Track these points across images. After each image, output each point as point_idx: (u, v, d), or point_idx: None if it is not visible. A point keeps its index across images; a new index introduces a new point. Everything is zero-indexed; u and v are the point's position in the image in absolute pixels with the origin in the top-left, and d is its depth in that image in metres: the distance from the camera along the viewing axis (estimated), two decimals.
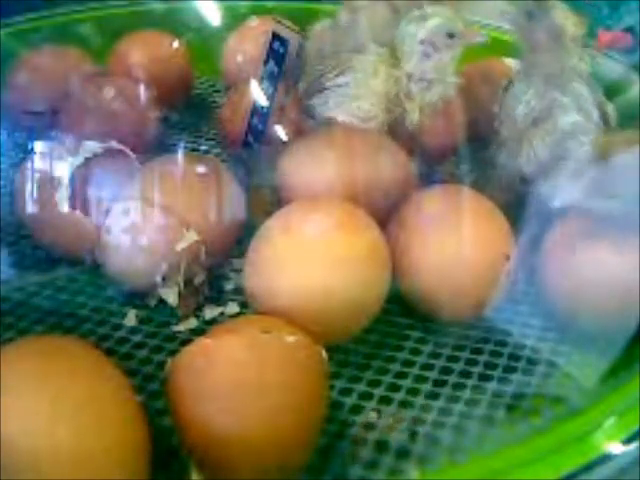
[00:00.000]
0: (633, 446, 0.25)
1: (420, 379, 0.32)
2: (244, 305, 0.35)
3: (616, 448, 0.25)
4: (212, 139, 0.51)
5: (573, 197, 0.35)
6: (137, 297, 0.36)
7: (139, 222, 0.34)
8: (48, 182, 0.35)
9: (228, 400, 0.25)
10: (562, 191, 0.35)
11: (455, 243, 0.33)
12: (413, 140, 0.39)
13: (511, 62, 0.44)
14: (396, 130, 0.39)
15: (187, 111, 0.54)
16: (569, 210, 0.35)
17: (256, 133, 0.41)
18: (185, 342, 0.33)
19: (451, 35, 0.38)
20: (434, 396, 0.31)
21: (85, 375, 0.24)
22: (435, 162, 0.44)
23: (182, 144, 0.50)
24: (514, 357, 0.33)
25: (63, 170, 0.35)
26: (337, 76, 0.39)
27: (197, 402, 0.25)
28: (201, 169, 0.36)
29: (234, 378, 0.25)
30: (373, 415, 0.30)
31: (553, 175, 0.36)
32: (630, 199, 0.32)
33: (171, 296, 0.35)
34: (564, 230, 0.34)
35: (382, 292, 0.32)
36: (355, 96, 0.38)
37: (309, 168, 0.38)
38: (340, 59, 0.39)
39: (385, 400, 0.31)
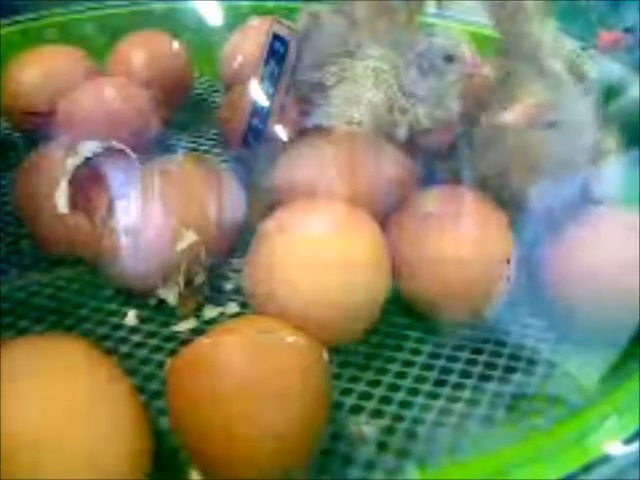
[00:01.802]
0: (633, 446, 0.25)
1: (420, 379, 0.32)
2: (244, 305, 0.35)
3: (616, 448, 0.25)
4: (212, 139, 0.51)
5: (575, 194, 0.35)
6: (137, 297, 0.36)
7: (139, 222, 0.34)
8: (48, 182, 0.35)
9: (228, 400, 0.25)
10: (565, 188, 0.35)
11: (455, 243, 0.33)
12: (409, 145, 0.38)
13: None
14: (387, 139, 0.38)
15: (187, 111, 0.54)
16: (569, 208, 0.35)
17: (256, 133, 0.41)
18: (185, 342, 0.33)
19: (450, 59, 0.36)
20: (434, 396, 0.31)
21: (85, 375, 0.24)
22: (434, 161, 0.44)
23: (182, 144, 0.50)
24: (514, 357, 0.33)
25: (63, 170, 0.35)
26: (337, 83, 0.38)
27: (197, 402, 0.25)
28: (201, 169, 0.36)
29: (234, 378, 0.25)
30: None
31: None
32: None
33: (171, 296, 0.35)
34: (564, 229, 0.34)
35: (382, 293, 0.32)
36: (342, 103, 0.37)
37: (309, 168, 0.37)
38: (337, 67, 0.39)
39: (385, 400, 0.31)
